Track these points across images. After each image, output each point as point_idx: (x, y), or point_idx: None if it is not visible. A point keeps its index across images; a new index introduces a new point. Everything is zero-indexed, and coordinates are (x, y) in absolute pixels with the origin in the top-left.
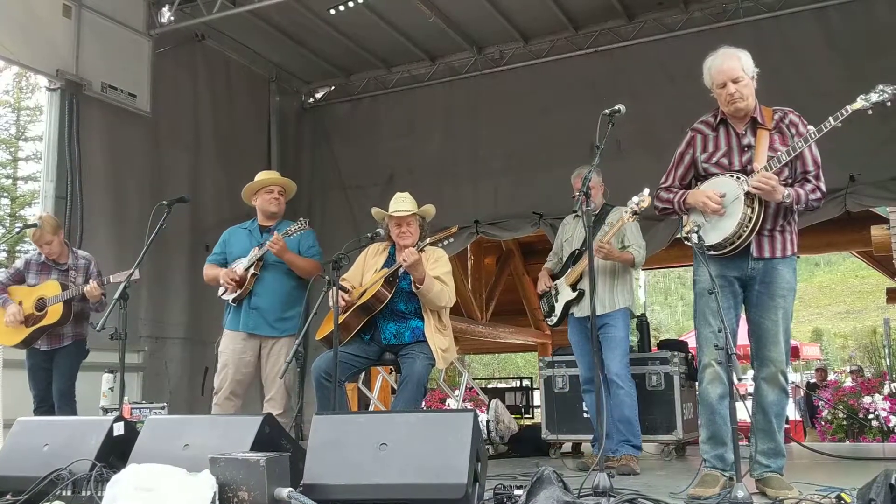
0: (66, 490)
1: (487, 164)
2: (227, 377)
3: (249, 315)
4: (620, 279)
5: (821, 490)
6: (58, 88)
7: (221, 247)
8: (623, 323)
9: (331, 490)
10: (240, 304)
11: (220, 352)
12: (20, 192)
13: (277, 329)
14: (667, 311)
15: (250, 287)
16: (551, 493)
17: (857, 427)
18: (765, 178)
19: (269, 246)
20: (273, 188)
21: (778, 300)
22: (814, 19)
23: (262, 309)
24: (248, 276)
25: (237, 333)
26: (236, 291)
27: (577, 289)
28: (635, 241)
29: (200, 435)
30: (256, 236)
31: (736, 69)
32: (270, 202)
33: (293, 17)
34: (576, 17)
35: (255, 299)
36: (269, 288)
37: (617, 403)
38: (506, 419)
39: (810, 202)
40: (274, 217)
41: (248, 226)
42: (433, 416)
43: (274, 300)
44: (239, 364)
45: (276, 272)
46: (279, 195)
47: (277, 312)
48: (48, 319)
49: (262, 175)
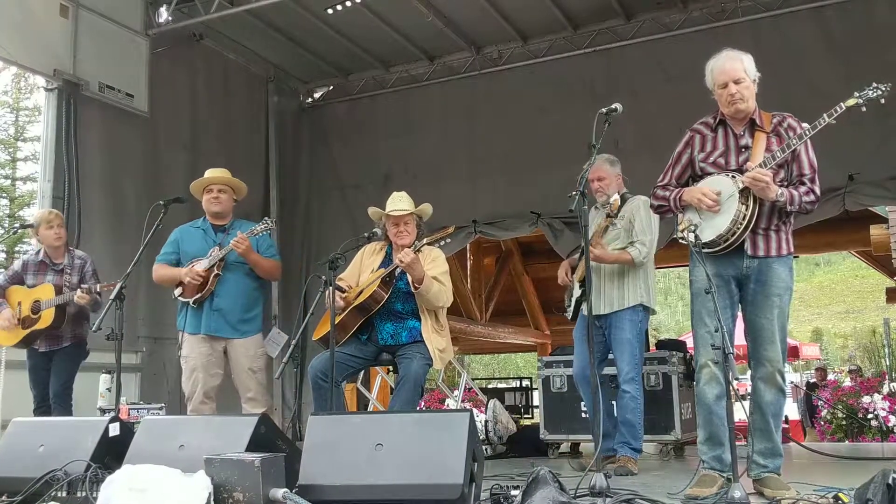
0: (61, 491)
1: (485, 164)
2: (197, 381)
3: (211, 317)
4: (631, 275)
5: (818, 490)
6: (55, 88)
7: (173, 246)
8: (630, 323)
9: (326, 491)
10: (199, 306)
11: (185, 357)
12: (19, 193)
13: (239, 331)
14: (666, 311)
15: (212, 288)
16: (547, 493)
17: (857, 427)
18: (759, 173)
19: (233, 245)
20: (213, 187)
21: (773, 299)
22: (812, 19)
23: (224, 310)
24: (211, 276)
25: (198, 336)
26: (198, 293)
27: (584, 285)
28: (640, 236)
29: (196, 435)
30: (211, 235)
31: (738, 70)
32: (210, 202)
33: (291, 16)
34: (574, 17)
35: (218, 300)
36: (230, 289)
37: (621, 406)
38: (504, 419)
39: (804, 204)
40: (218, 217)
41: (199, 225)
42: (429, 416)
43: (236, 301)
44: (207, 367)
45: (237, 272)
46: (219, 193)
47: (239, 314)
48: (41, 323)
49: (208, 173)
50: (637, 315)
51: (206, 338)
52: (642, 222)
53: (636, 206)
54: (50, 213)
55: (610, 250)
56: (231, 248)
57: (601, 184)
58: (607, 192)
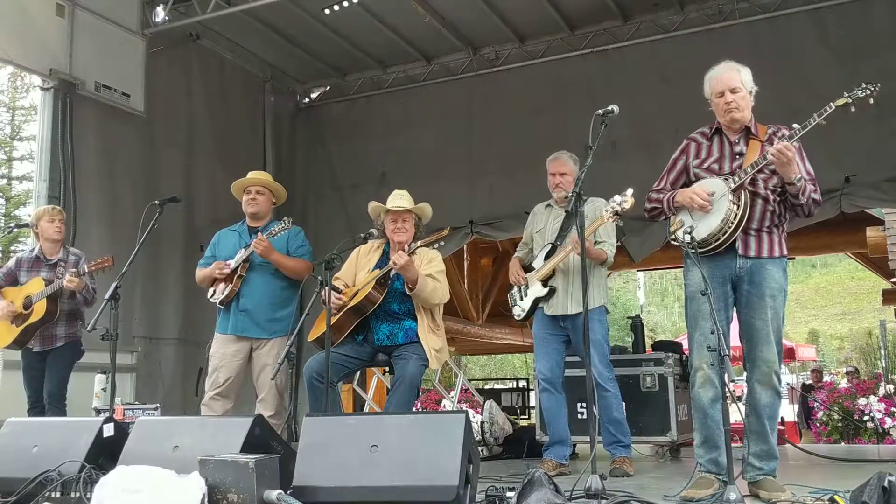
0: (54, 492)
1: (482, 165)
2: (217, 380)
3: (238, 317)
4: (596, 275)
5: (814, 492)
6: (51, 88)
7: (211, 249)
8: (599, 324)
9: (321, 492)
10: (228, 307)
11: (211, 355)
12: (15, 192)
13: (267, 330)
14: (663, 313)
15: (237, 289)
16: (542, 495)
17: (853, 429)
18: (787, 145)
19: (252, 246)
20: (251, 189)
21: (767, 300)
22: (809, 20)
23: (250, 311)
24: (235, 277)
25: (227, 336)
26: (224, 292)
27: (548, 285)
28: (608, 239)
29: (190, 436)
30: (245, 237)
31: (735, 80)
32: (248, 203)
33: (288, 16)
34: (571, 18)
35: (243, 301)
36: (256, 289)
37: (605, 406)
38: (500, 420)
39: (810, 200)
40: (256, 218)
41: (237, 227)
42: (425, 417)
43: (262, 301)
44: (229, 366)
45: (262, 273)
46: (257, 195)
47: (267, 313)
48: (34, 317)
49: (249, 175)
50: (603, 315)
51: (234, 338)
52: (607, 231)
53: (599, 208)
54: (53, 207)
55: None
56: (252, 249)
57: (563, 178)
58: (566, 188)
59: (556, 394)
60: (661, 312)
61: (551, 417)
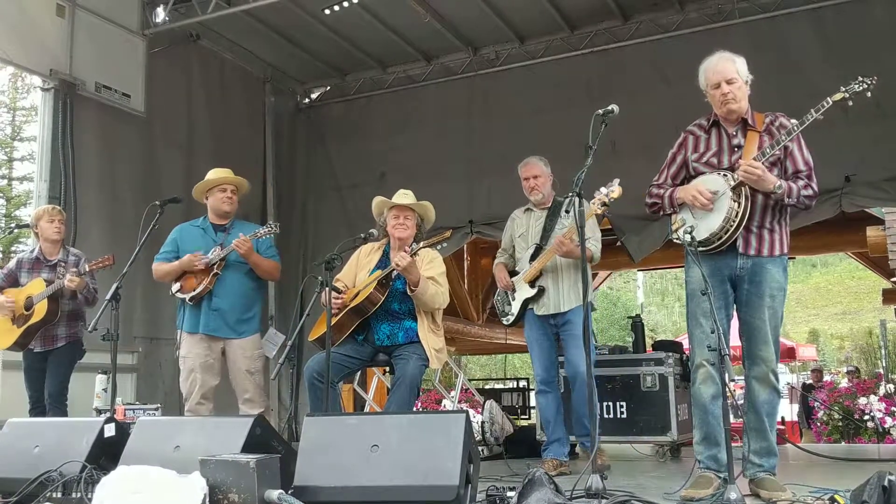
0: (56, 492)
1: (482, 164)
2: (195, 382)
3: (210, 316)
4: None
5: (814, 492)
6: (51, 88)
7: (173, 244)
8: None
9: (322, 492)
10: (197, 305)
11: (183, 357)
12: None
13: (237, 331)
14: (664, 312)
15: (210, 287)
16: (543, 495)
17: (853, 428)
18: (750, 166)
19: (235, 246)
20: (227, 187)
21: (766, 299)
22: (809, 20)
23: (223, 310)
24: (210, 275)
25: (197, 336)
26: (197, 289)
27: (536, 285)
28: (592, 235)
29: (191, 436)
30: (211, 235)
31: (730, 70)
32: (224, 201)
33: (288, 17)
34: (571, 18)
35: (217, 300)
36: (229, 289)
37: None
38: (500, 420)
39: (802, 198)
40: (226, 216)
41: (199, 224)
42: (425, 417)
43: (235, 301)
44: (205, 367)
45: (237, 272)
46: (232, 194)
47: (238, 314)
48: (35, 317)
49: (214, 173)
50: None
51: (205, 337)
52: (591, 227)
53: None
54: (53, 207)
55: None
56: (233, 248)
57: (536, 181)
58: (542, 190)
59: (553, 392)
60: (661, 312)
61: (549, 416)
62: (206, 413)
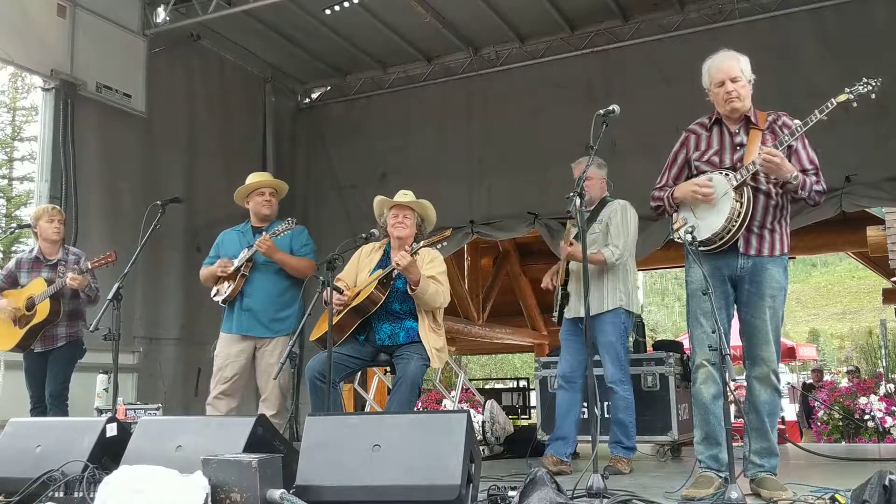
0: (58, 491)
1: (483, 165)
2: (221, 379)
3: (242, 316)
4: (610, 278)
5: (815, 491)
6: (52, 88)
7: (215, 249)
8: (612, 326)
9: (324, 492)
10: (232, 307)
11: (216, 355)
12: (16, 193)
13: (271, 329)
14: (664, 312)
15: (240, 288)
16: (544, 494)
17: (853, 428)
18: (769, 153)
19: (256, 246)
20: (265, 190)
21: (767, 299)
22: (809, 20)
23: (254, 310)
24: (238, 276)
25: (231, 336)
26: (227, 291)
27: (564, 289)
28: (615, 239)
29: (193, 436)
30: (248, 237)
31: (735, 69)
32: (263, 204)
33: (289, 17)
34: (572, 18)
35: (247, 300)
36: (259, 288)
37: (613, 406)
38: (501, 420)
39: (813, 192)
40: (267, 219)
41: (240, 228)
42: (426, 417)
43: (266, 300)
44: (234, 365)
45: (266, 272)
46: (271, 196)
47: (271, 313)
48: (38, 317)
49: (254, 177)
50: (618, 318)
51: (239, 337)
52: (618, 226)
53: (613, 210)
54: (52, 207)
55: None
56: (256, 248)
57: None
58: (590, 193)
59: (572, 392)
60: (662, 312)
61: (562, 413)
62: (223, 408)
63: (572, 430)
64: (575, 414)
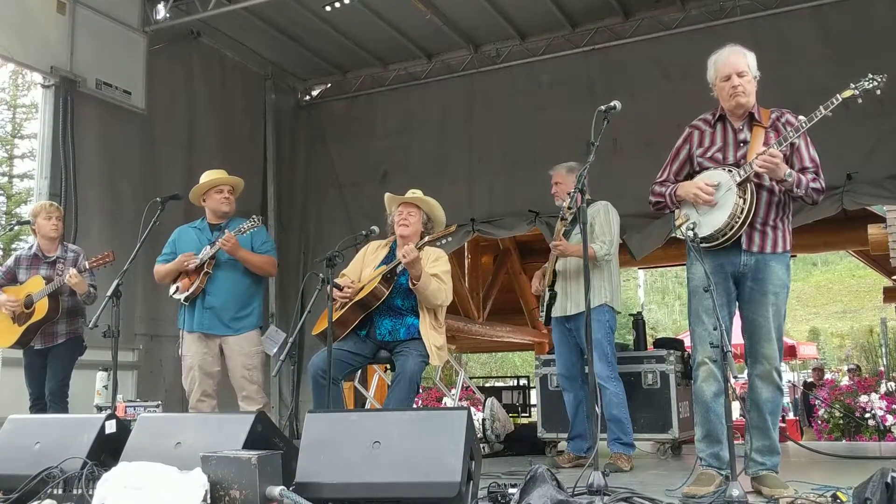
0: (57, 488)
1: (484, 162)
2: (195, 379)
3: (204, 315)
4: (595, 276)
5: (816, 489)
6: (52, 85)
7: (171, 246)
8: (598, 323)
9: (323, 488)
10: (192, 304)
11: (184, 355)
12: (16, 190)
13: (232, 328)
14: (664, 310)
15: (202, 286)
16: (545, 491)
17: (854, 426)
18: (771, 155)
19: (220, 244)
20: (223, 188)
21: (769, 296)
22: (810, 17)
23: (216, 308)
24: (202, 274)
25: (194, 335)
26: (190, 289)
27: (552, 289)
28: (601, 236)
29: (192, 433)
30: (207, 234)
31: (741, 64)
32: (222, 202)
33: (289, 14)
34: (573, 15)
35: (209, 298)
36: (222, 287)
37: (605, 403)
38: (501, 417)
39: (810, 190)
40: (225, 216)
41: (197, 224)
42: (427, 414)
43: (228, 299)
44: (203, 364)
45: (229, 270)
46: (229, 194)
47: (232, 311)
48: (37, 315)
49: (210, 174)
50: (603, 315)
51: (202, 335)
52: (602, 225)
53: (597, 210)
54: (51, 204)
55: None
56: (219, 246)
57: (557, 188)
58: (562, 196)
59: (572, 391)
60: (662, 310)
61: (571, 413)
62: (208, 410)
63: (585, 425)
64: (584, 410)
